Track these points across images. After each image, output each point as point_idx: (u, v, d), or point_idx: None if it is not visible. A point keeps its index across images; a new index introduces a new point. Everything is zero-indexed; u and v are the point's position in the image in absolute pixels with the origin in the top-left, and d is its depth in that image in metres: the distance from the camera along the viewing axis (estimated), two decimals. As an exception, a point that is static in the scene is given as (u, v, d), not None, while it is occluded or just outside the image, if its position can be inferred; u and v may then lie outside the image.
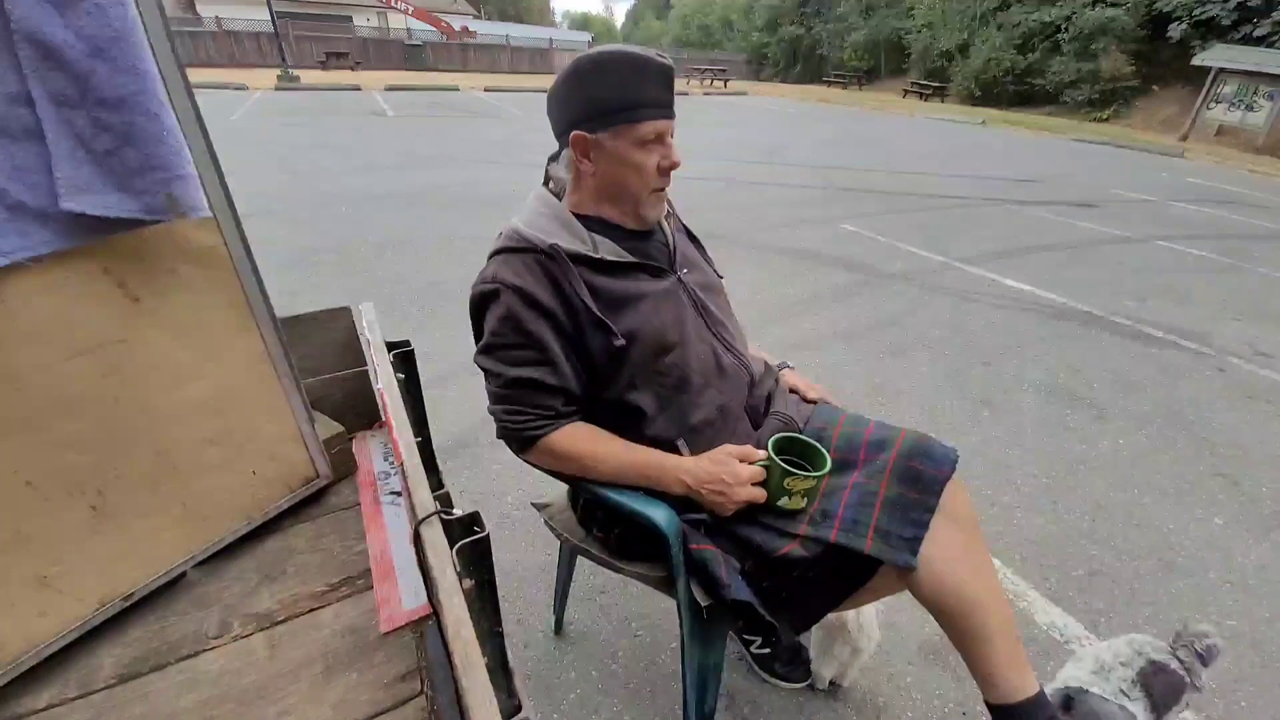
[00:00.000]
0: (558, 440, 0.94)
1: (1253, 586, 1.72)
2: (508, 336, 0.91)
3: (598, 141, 0.90)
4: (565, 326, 0.92)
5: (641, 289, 0.96)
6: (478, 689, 0.46)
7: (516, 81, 20.48)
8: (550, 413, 0.94)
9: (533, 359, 0.92)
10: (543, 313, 0.90)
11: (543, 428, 0.94)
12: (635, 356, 0.94)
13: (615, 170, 0.92)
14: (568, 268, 0.91)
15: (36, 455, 0.65)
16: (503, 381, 0.93)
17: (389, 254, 3.97)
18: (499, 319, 0.91)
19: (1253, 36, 14.66)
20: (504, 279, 0.90)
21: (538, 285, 0.90)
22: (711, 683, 1.07)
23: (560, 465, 0.97)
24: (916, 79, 22.80)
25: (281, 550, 0.87)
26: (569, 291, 0.91)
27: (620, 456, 0.95)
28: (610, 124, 0.88)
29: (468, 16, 32.93)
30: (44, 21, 0.55)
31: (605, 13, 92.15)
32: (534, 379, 0.92)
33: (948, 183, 7.43)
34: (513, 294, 0.89)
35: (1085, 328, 3.46)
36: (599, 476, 0.96)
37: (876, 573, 0.90)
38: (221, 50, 20.00)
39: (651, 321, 0.95)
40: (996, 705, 0.89)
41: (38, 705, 0.65)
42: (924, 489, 0.89)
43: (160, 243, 0.70)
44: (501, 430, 0.97)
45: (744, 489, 0.91)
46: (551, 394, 0.93)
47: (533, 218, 0.96)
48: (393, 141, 8.27)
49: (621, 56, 0.86)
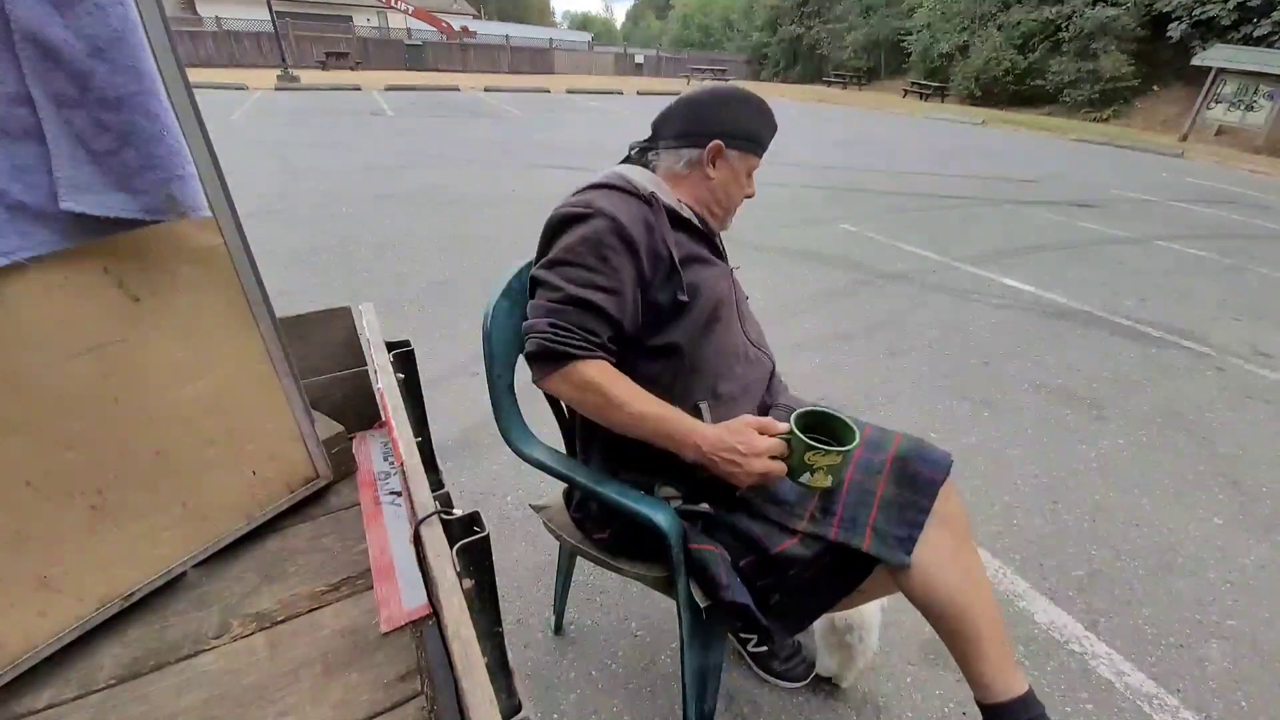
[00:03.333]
0: (591, 368, 0.92)
1: (1253, 586, 1.72)
2: (584, 257, 0.92)
3: (726, 157, 1.04)
4: (644, 268, 0.95)
5: (708, 258, 1.05)
6: (478, 689, 0.46)
7: (516, 81, 20.49)
8: (595, 339, 0.92)
9: (601, 285, 0.92)
10: (628, 247, 0.93)
11: (583, 351, 0.92)
12: (693, 314, 0.99)
13: (728, 184, 1.06)
14: (662, 217, 0.98)
15: (36, 455, 0.65)
16: (561, 296, 0.92)
17: (389, 254, 3.97)
18: (581, 238, 0.93)
19: (1253, 36, 14.67)
20: (599, 206, 0.94)
21: (631, 222, 0.94)
22: (711, 682, 1.07)
23: (582, 396, 0.93)
24: (916, 79, 22.80)
25: (281, 550, 0.87)
26: (658, 237, 0.96)
27: (643, 403, 0.92)
28: (741, 148, 1.04)
29: (468, 16, 32.94)
30: (44, 21, 0.55)
31: (605, 13, 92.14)
32: (595, 303, 0.91)
33: (948, 183, 7.43)
34: (605, 220, 0.93)
35: (1085, 328, 3.46)
36: (616, 418, 0.92)
37: (871, 574, 0.91)
38: (221, 50, 20.01)
39: (712, 288, 1.02)
40: (987, 705, 0.90)
41: (38, 705, 0.65)
42: (920, 490, 0.90)
43: (160, 243, 0.70)
44: (538, 343, 0.92)
45: (759, 461, 0.86)
46: (605, 323, 0.93)
47: (632, 173, 1.03)
48: (393, 141, 8.27)
49: (759, 101, 1.05)
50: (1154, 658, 1.49)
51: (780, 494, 0.98)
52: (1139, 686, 1.41)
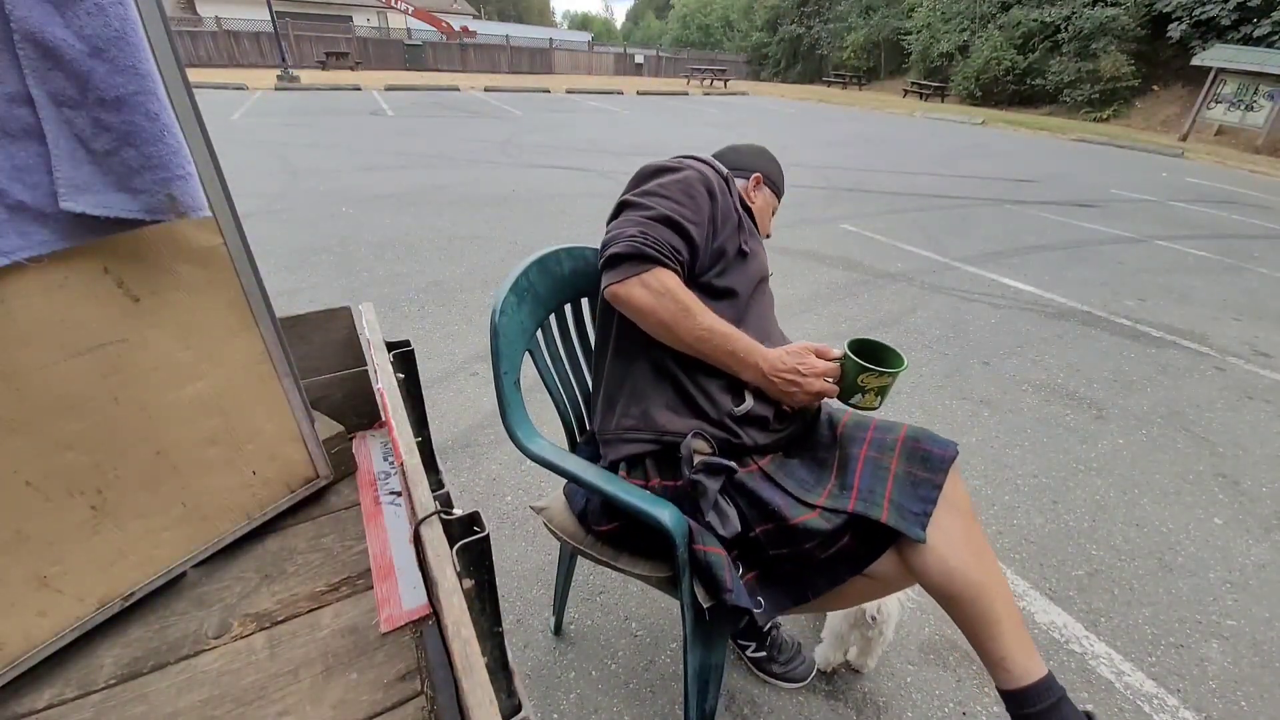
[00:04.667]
0: (671, 277, 0.98)
1: (1253, 586, 1.72)
2: (673, 193, 1.01)
3: (763, 190, 1.30)
4: (717, 217, 1.05)
5: (758, 242, 1.21)
6: (478, 689, 0.46)
7: (516, 81, 20.49)
8: (679, 255, 0.99)
9: (687, 216, 1.00)
10: (710, 196, 1.04)
11: (668, 259, 0.98)
12: (749, 269, 1.12)
13: (764, 211, 1.31)
14: (734, 188, 1.14)
15: (36, 455, 0.65)
16: (654, 214, 0.99)
17: (389, 254, 3.97)
18: (672, 180, 1.03)
19: (1253, 36, 14.66)
20: (688, 162, 1.07)
21: (714, 180, 1.07)
22: (713, 682, 1.07)
23: (659, 301, 0.97)
24: (916, 79, 22.80)
25: (281, 550, 0.87)
26: (731, 202, 1.10)
27: (712, 319, 0.98)
28: (772, 188, 1.32)
29: (468, 16, 32.95)
30: (44, 21, 0.54)
31: (605, 13, 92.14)
32: (682, 224, 0.99)
33: (948, 183, 7.43)
34: (694, 172, 1.05)
35: (1085, 328, 3.46)
36: (686, 326, 0.97)
37: (881, 555, 0.92)
38: (221, 50, 20.00)
39: (762, 260, 1.18)
40: (1010, 690, 0.89)
41: (38, 705, 0.65)
42: (931, 468, 0.92)
43: (160, 243, 0.70)
44: (629, 244, 0.97)
45: (817, 380, 0.96)
46: (687, 243, 1.00)
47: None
48: (393, 141, 8.27)
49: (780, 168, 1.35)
50: (1154, 658, 1.49)
51: (798, 473, 1.00)
52: (1139, 686, 1.42)
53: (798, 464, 1.03)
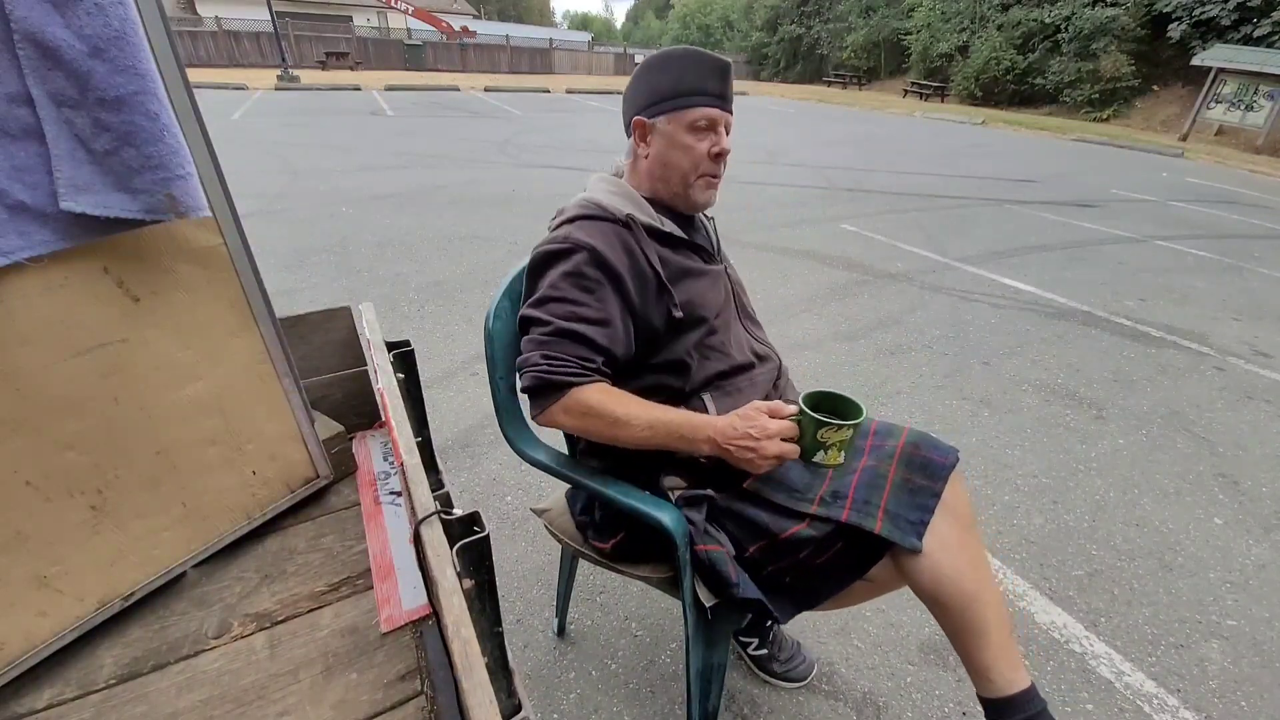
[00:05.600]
0: (591, 393, 0.92)
1: (1253, 586, 1.72)
2: (568, 292, 0.93)
3: (654, 126, 0.98)
4: (630, 293, 0.95)
5: (698, 267, 1.04)
6: (478, 689, 0.46)
7: (516, 81, 20.49)
8: (591, 364, 0.93)
9: (588, 316, 0.93)
10: (611, 276, 0.94)
11: (579, 377, 0.91)
12: (690, 329, 1.00)
13: (667, 152, 0.99)
14: (642, 237, 0.97)
15: (36, 455, 0.65)
16: (550, 330, 0.92)
17: (389, 254, 3.97)
18: (563, 274, 0.94)
19: (1253, 36, 14.66)
20: (577, 239, 0.94)
21: (611, 250, 0.94)
22: (715, 682, 1.07)
23: (586, 422, 0.92)
24: (916, 79, 22.80)
25: (281, 550, 0.87)
26: (641, 259, 0.96)
27: (649, 414, 0.92)
28: (666, 110, 0.96)
29: (468, 16, 32.94)
30: (44, 21, 0.55)
31: (605, 13, 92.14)
32: (583, 333, 0.92)
33: (948, 183, 7.43)
34: (585, 253, 0.93)
35: (1085, 328, 3.46)
36: (625, 436, 0.92)
37: (879, 561, 0.91)
38: (221, 50, 20.00)
39: (706, 298, 1.02)
40: (990, 699, 0.89)
41: (38, 705, 0.65)
42: (930, 475, 0.90)
43: (160, 243, 0.70)
44: (533, 377, 0.92)
45: (773, 444, 0.85)
46: (595, 350, 0.93)
47: (604, 194, 1.01)
48: (393, 141, 8.27)
49: (682, 50, 0.96)
50: (1154, 658, 1.49)
51: (788, 480, 0.98)
52: (1139, 686, 1.41)
53: (788, 469, 0.99)
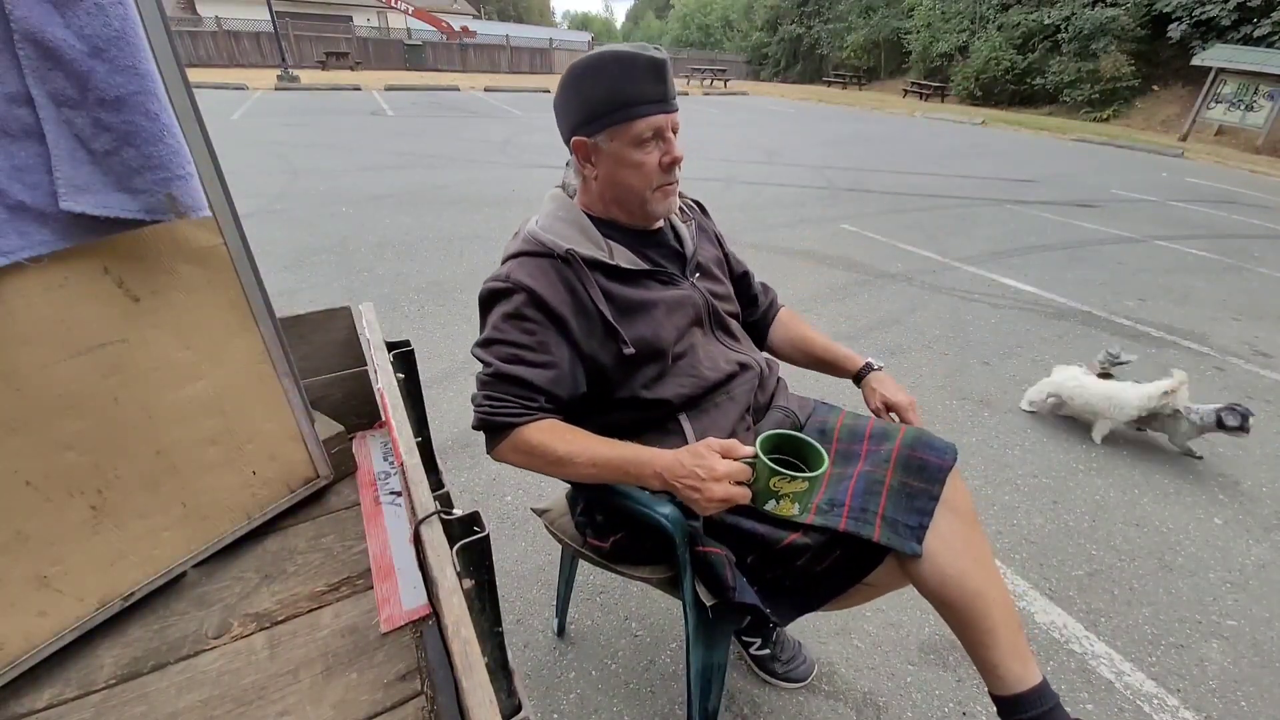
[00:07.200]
0: (532, 432, 0.90)
1: (1253, 586, 1.72)
2: (509, 333, 0.92)
3: (596, 145, 0.92)
4: (574, 332, 0.93)
5: (654, 296, 0.98)
6: (478, 689, 0.46)
7: (516, 81, 20.47)
8: (533, 403, 0.92)
9: (528, 359, 0.92)
10: (551, 316, 0.91)
11: (520, 416, 0.91)
12: (647, 364, 0.97)
13: (617, 172, 0.93)
14: (584, 273, 0.93)
15: (36, 455, 0.65)
16: (491, 372, 0.92)
17: (389, 254, 3.97)
18: (503, 315, 0.92)
19: (1253, 36, 14.65)
20: (517, 279, 0.92)
21: (550, 289, 0.91)
22: (716, 682, 1.07)
23: (530, 461, 0.92)
24: (916, 79, 22.78)
25: (281, 550, 0.87)
26: (583, 297, 0.93)
27: (594, 450, 0.89)
28: (606, 126, 0.89)
29: (468, 16, 32.93)
30: (44, 21, 0.55)
31: (605, 13, 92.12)
32: (522, 377, 0.91)
33: (948, 183, 7.43)
34: (523, 294, 0.91)
35: (1085, 328, 3.46)
36: (570, 473, 0.91)
37: (881, 564, 0.91)
38: (221, 50, 19.99)
39: (662, 331, 0.97)
40: (1002, 696, 0.88)
41: (38, 705, 0.65)
42: (928, 478, 0.90)
43: (160, 243, 0.70)
44: (477, 418, 0.93)
45: (719, 486, 0.79)
46: (535, 391, 0.92)
47: (550, 222, 0.97)
48: (393, 141, 8.27)
49: (610, 56, 0.86)
50: (1154, 658, 1.49)
51: None
52: (1139, 686, 1.42)
53: None
